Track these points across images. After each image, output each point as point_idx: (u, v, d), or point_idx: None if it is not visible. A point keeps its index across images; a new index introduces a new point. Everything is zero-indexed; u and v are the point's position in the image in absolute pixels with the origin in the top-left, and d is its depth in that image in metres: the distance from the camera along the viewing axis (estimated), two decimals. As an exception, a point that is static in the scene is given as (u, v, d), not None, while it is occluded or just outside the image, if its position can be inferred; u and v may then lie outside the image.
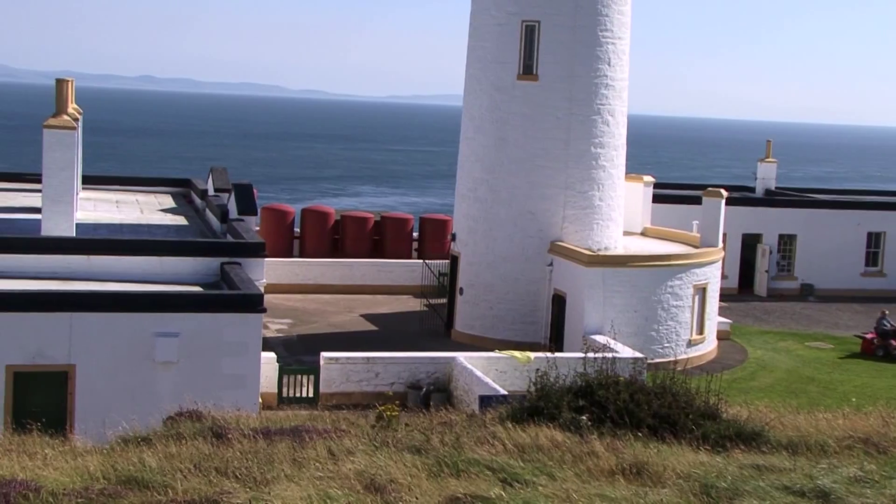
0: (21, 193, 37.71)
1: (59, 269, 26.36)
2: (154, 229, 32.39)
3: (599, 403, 15.48)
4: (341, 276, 44.64)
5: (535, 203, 36.98)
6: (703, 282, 36.97)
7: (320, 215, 47.55)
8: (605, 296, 34.34)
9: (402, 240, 47.79)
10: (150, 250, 27.46)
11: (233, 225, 30.64)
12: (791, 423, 16.35)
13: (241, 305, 24.73)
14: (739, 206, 49.43)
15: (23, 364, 23.27)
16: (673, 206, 47.35)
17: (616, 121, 37.87)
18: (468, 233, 38.17)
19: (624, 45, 37.97)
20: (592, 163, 37.26)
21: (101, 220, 32.80)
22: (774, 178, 58.23)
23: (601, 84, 37.19)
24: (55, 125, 27.29)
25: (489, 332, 36.98)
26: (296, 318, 39.28)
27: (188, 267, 27.46)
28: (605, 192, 37.62)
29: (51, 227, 27.22)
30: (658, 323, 35.27)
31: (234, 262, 27.46)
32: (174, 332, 24.01)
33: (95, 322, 23.65)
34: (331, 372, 29.53)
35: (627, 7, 37.99)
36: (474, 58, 38.57)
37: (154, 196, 40.21)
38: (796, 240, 51.28)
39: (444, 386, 29.85)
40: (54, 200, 27.28)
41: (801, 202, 53.60)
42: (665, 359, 34.28)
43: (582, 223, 37.17)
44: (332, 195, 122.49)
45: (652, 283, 35.17)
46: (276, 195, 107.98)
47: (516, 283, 36.97)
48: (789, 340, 40.60)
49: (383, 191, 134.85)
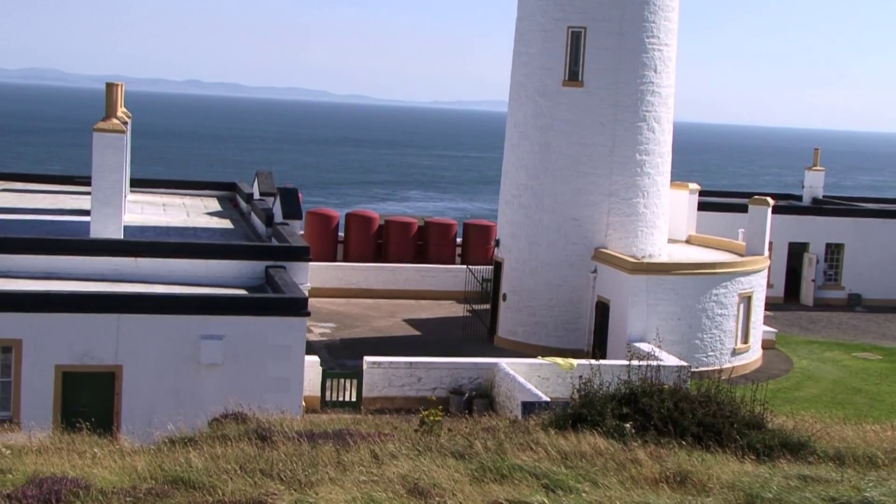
0: (71, 196, 38.20)
1: (107, 271, 26.65)
2: (200, 232, 32.67)
3: (643, 411, 15.41)
4: (384, 281, 44.77)
5: (580, 210, 36.90)
6: (749, 290, 36.68)
7: (364, 220, 47.73)
8: (648, 303, 34.18)
9: (446, 245, 47.83)
10: (196, 253, 27.68)
11: (278, 229, 30.82)
12: (838, 434, 16.19)
13: (286, 309, 24.87)
14: (786, 215, 49.01)
15: (71, 364, 23.57)
16: (718, 213, 47.04)
17: (662, 128, 37.69)
18: (512, 239, 38.15)
19: (670, 51, 37.80)
20: (637, 170, 37.11)
21: (148, 223, 33.14)
22: (822, 187, 57.64)
23: (647, 91, 37.04)
24: (105, 129, 27.60)
25: (532, 339, 36.94)
26: (339, 322, 39.44)
27: (233, 270, 27.66)
28: (649, 200, 37.45)
29: (99, 230, 27.53)
30: (702, 331, 35.05)
31: (278, 266, 27.62)
32: (219, 334, 24.19)
33: (142, 323, 23.90)
34: (373, 376, 29.63)
35: (674, 14, 37.82)
36: (519, 63, 38.56)
37: (200, 199, 40.56)
38: (843, 249, 50.74)
39: (486, 392, 29.85)
40: (103, 203, 27.58)
41: (849, 211, 53.01)
42: (709, 367, 34.07)
43: (626, 230, 37.03)
44: (380, 199, 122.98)
45: (696, 291, 34.95)
46: (324, 199, 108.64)
47: (559, 289, 36.89)
48: (836, 351, 40.16)
49: (431, 196, 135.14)
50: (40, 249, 26.60)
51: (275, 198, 34.36)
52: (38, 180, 42.24)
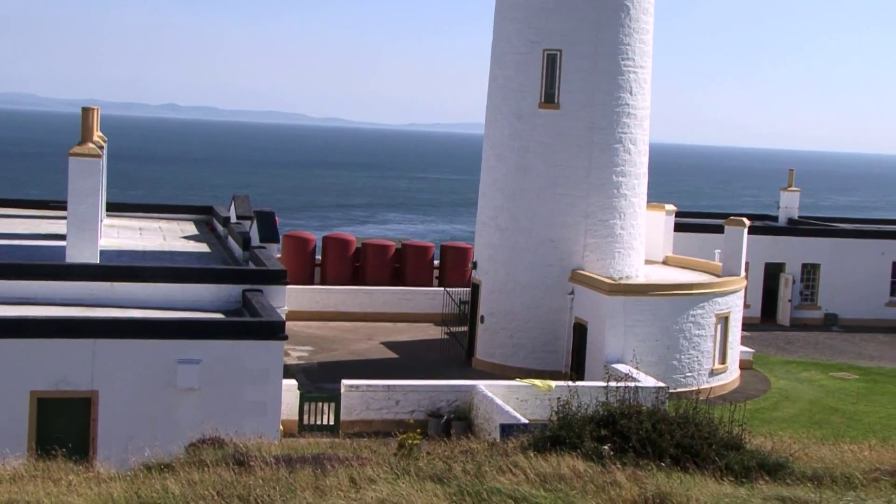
0: (46, 221, 37.99)
1: (83, 296, 26.48)
2: (176, 256, 32.54)
3: (622, 433, 15.41)
4: (362, 304, 44.70)
5: (556, 231, 36.98)
6: (726, 311, 36.81)
7: (341, 243, 47.67)
8: (626, 325, 34.23)
9: (423, 268, 47.82)
10: (173, 277, 27.55)
11: (255, 252, 30.73)
12: (816, 455, 16.23)
13: (263, 333, 24.78)
14: (762, 235, 49.28)
15: (46, 390, 23.37)
16: (695, 234, 47.26)
17: (638, 149, 37.87)
18: (489, 261, 38.17)
19: (645, 73, 38.02)
20: (614, 191, 37.24)
21: (125, 247, 32.98)
22: (797, 207, 58.01)
23: (623, 112, 37.23)
24: (80, 153, 27.48)
25: (510, 361, 36.92)
26: (316, 346, 39.32)
27: (210, 294, 27.53)
28: (626, 221, 37.58)
29: (75, 254, 27.37)
30: (680, 352, 35.12)
31: (255, 290, 27.53)
32: (196, 358, 24.06)
33: (118, 348, 23.74)
34: (351, 399, 29.52)
35: (649, 36, 38.07)
36: (496, 86, 38.70)
37: (177, 223, 40.42)
38: (819, 269, 51.04)
39: (464, 414, 29.78)
40: (79, 227, 27.43)
41: (825, 231, 53.35)
42: (687, 388, 34.15)
43: (603, 252, 37.12)
44: (359, 222, 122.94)
45: (674, 312, 35.05)
46: (303, 222, 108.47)
47: (537, 311, 36.91)
48: (813, 370, 40.32)
49: (410, 218, 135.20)
50: (15, 275, 26.40)
51: (252, 221, 34.28)
52: (14, 205, 41.99)
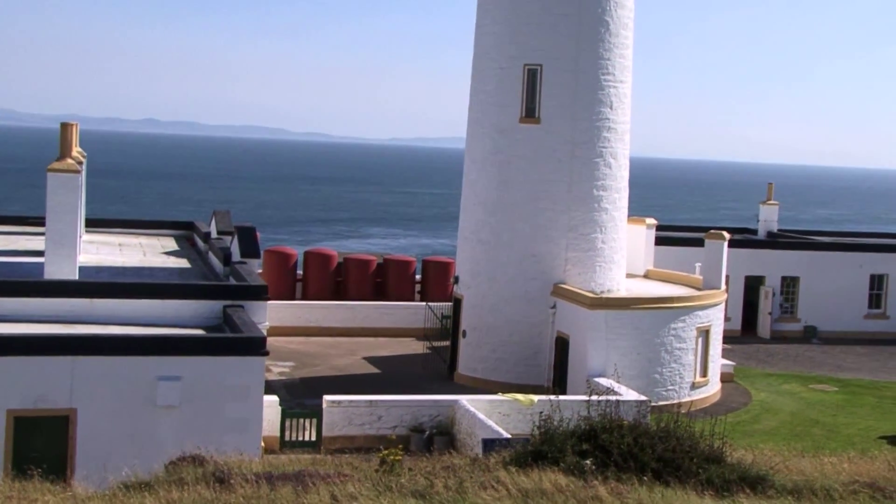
0: (25, 237, 37.77)
1: (62, 313, 26.31)
2: (156, 272, 32.39)
3: (603, 447, 15.41)
4: (344, 319, 44.59)
5: (538, 245, 37.00)
6: (706, 324, 36.90)
7: (323, 258, 47.58)
8: (608, 338, 34.25)
9: (405, 282, 47.78)
10: (153, 293, 27.42)
11: (235, 268, 30.63)
12: (796, 467, 16.26)
13: (244, 349, 24.66)
14: (742, 249, 49.46)
15: (24, 409, 23.17)
16: (675, 248, 47.41)
17: (618, 163, 37.97)
18: (471, 275, 38.16)
19: (626, 88, 38.15)
20: (595, 205, 37.32)
21: (104, 263, 32.81)
22: (776, 220, 58.33)
23: (603, 127, 37.34)
24: (59, 169, 27.36)
25: (492, 375, 36.88)
26: (298, 361, 39.18)
27: (191, 310, 27.40)
28: (607, 235, 37.64)
29: (54, 271, 27.21)
30: (661, 365, 35.17)
31: (236, 305, 27.42)
32: (176, 375, 23.92)
33: (97, 366, 23.57)
34: (333, 415, 29.41)
35: (629, 51, 38.22)
36: (477, 101, 38.76)
37: (157, 239, 40.25)
38: (799, 282, 51.26)
39: (447, 429, 29.71)
40: (57, 244, 27.28)
41: (804, 244, 53.62)
42: (669, 401, 34.21)
43: (584, 266, 37.17)
44: (342, 237, 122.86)
45: (655, 326, 35.10)
46: (286, 237, 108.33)
47: (519, 325, 36.90)
48: (793, 383, 40.44)
49: (393, 232, 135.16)
50: (-7, 291, 26.21)
51: (232, 236, 34.18)
52: (-8, 221, 41.71)
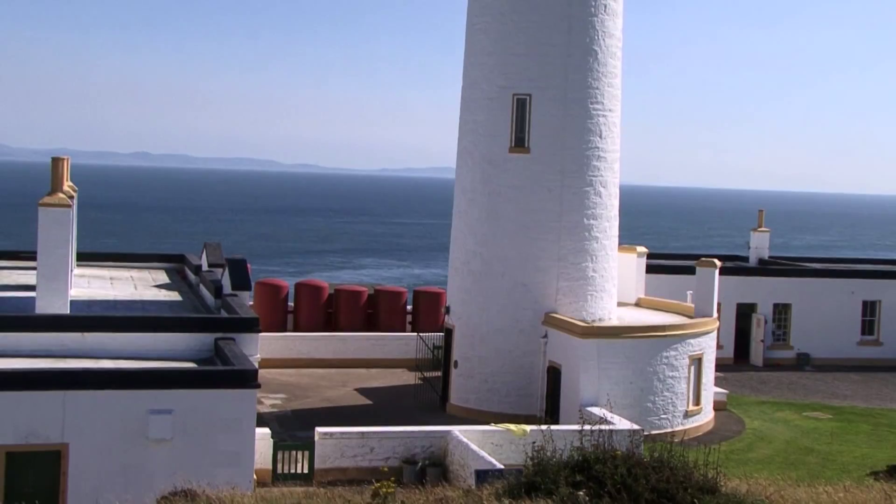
0: (16, 271, 37.70)
1: (54, 347, 26.26)
2: (148, 305, 32.35)
3: (597, 478, 15.35)
4: (335, 350, 44.51)
5: (529, 275, 37.02)
6: (699, 352, 36.89)
7: (314, 289, 47.51)
8: (600, 367, 34.22)
9: (396, 313, 47.70)
10: (144, 327, 27.39)
11: (226, 300, 30.60)
12: (791, 497, 16.21)
13: (235, 381, 24.61)
14: (733, 276, 49.53)
15: (15, 444, 23.07)
16: (667, 276, 47.44)
17: (608, 192, 38.07)
18: (462, 305, 38.13)
19: (615, 117, 38.31)
20: (585, 234, 37.38)
21: (96, 297, 32.76)
22: (767, 247, 58.43)
23: (593, 156, 37.46)
24: (50, 203, 27.37)
25: (484, 405, 36.78)
26: (290, 393, 39.05)
27: (182, 343, 27.36)
28: (598, 264, 37.68)
29: (45, 305, 27.18)
30: (654, 394, 35.12)
31: (228, 338, 27.37)
32: (168, 408, 23.85)
33: (89, 400, 23.50)
34: (325, 447, 29.30)
35: (617, 80, 38.40)
36: (466, 131, 38.88)
37: (148, 272, 40.21)
38: (791, 309, 51.30)
39: (439, 460, 29.61)
40: (49, 278, 27.27)
41: (795, 271, 53.70)
42: (662, 430, 34.15)
43: (576, 295, 37.18)
44: (335, 268, 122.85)
45: (647, 354, 35.08)
46: (279, 269, 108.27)
47: (511, 355, 36.85)
48: (787, 411, 40.39)
49: (385, 263, 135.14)
50: (-16, 326, 26.13)
51: (223, 269, 34.16)
52: (-17, 256, 41.62)
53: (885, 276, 53.84)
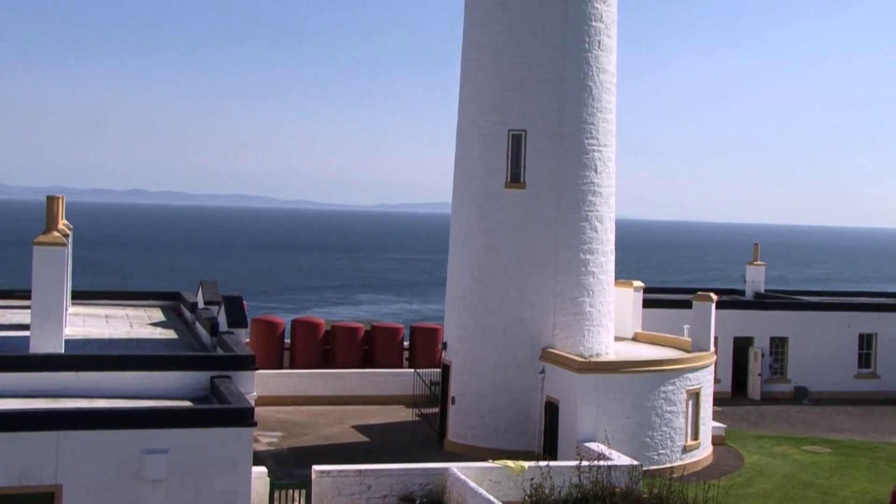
0: (10, 311, 37.59)
1: (48, 387, 26.07)
2: (143, 344, 32.21)
3: (595, 515, 15.25)
4: (332, 387, 44.37)
5: (526, 310, 36.95)
6: (696, 386, 36.77)
7: (310, 326, 47.40)
8: (597, 402, 34.08)
9: (393, 349, 47.60)
10: (139, 365, 27.21)
11: (223, 338, 30.47)
12: (790, 532, 16.08)
13: (231, 420, 24.42)
14: (730, 310, 49.51)
15: (7, 486, 22.85)
16: (663, 310, 47.42)
17: (604, 227, 38.09)
18: (459, 341, 38.04)
19: (610, 152, 38.40)
20: (582, 269, 37.35)
21: (91, 336, 32.62)
22: (763, 281, 58.48)
23: (588, 191, 37.51)
24: (45, 242, 27.28)
25: (482, 442, 36.62)
26: (286, 431, 38.85)
27: (178, 381, 27.19)
28: (595, 299, 37.64)
29: (39, 345, 27.01)
30: (652, 429, 34.96)
31: (224, 376, 27.22)
32: (163, 448, 23.66)
33: (83, 440, 23.29)
34: (322, 485, 29.09)
35: (612, 115, 38.53)
36: (462, 167, 38.95)
37: (143, 310, 40.10)
38: (788, 342, 51.26)
39: (437, 498, 29.39)
40: (43, 317, 27.12)
41: (791, 304, 53.68)
42: (660, 465, 33.99)
43: (573, 329, 37.10)
44: (333, 304, 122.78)
45: (645, 389, 34.95)
46: (278, 305, 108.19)
47: (508, 390, 36.72)
48: (785, 445, 40.22)
49: (384, 299, 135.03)
50: (-22, 366, 25.97)
51: (219, 306, 34.07)
52: (-23, 295, 41.52)
53: (882, 309, 53.83)
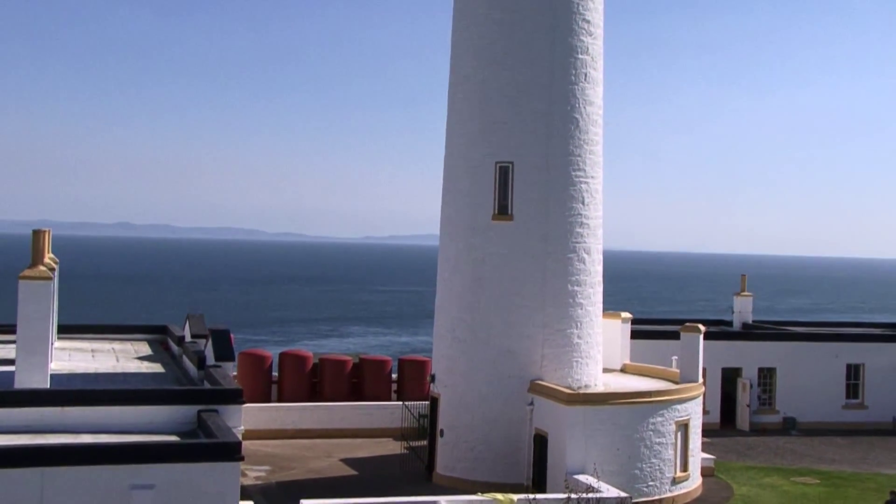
0: (-4, 345, 37.38)
1: (33, 423, 25.89)
2: (130, 378, 32.05)
3: (584, 549, 15.17)
4: (320, 420, 44.17)
5: (514, 342, 36.91)
6: (685, 417, 36.71)
7: (298, 359, 47.24)
8: (586, 434, 33.99)
9: (381, 382, 47.45)
10: (125, 400, 27.06)
11: (210, 371, 30.35)
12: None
13: (219, 454, 24.26)
14: (717, 341, 49.54)
15: (-8, 523, 22.65)
16: (651, 341, 47.44)
17: (592, 258, 38.13)
18: (447, 373, 37.94)
19: (597, 183, 38.50)
20: (570, 301, 37.36)
21: (76, 370, 32.46)
22: (751, 312, 58.62)
23: (576, 223, 37.57)
24: (31, 276, 27.18)
25: (471, 475, 36.44)
26: (274, 465, 38.63)
27: (164, 416, 27.05)
28: (583, 330, 37.62)
29: (24, 380, 26.85)
30: (641, 461, 34.86)
31: (211, 410, 27.09)
32: (150, 483, 23.48)
33: (68, 476, 23.08)
34: (310, 520, 28.87)
35: (599, 147, 38.66)
36: (449, 199, 39.00)
37: (130, 344, 39.96)
38: (776, 373, 51.30)
39: (426, 532, 29.19)
40: (29, 352, 26.97)
41: (779, 335, 53.76)
42: (650, 497, 33.90)
43: (561, 361, 37.05)
44: (321, 336, 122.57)
45: (633, 421, 34.88)
46: (267, 338, 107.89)
47: (497, 423, 36.61)
48: (774, 476, 40.14)
49: (373, 331, 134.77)
50: (-38, 402, 25.78)
51: (206, 339, 33.97)
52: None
53: (869, 340, 53.93)
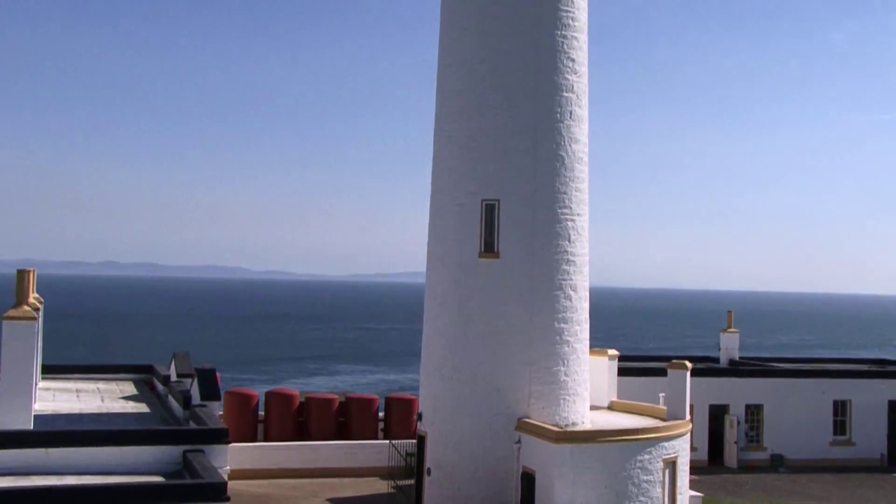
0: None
1: (16, 465, 25.67)
2: (114, 418, 31.85)
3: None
4: (306, 460, 43.87)
5: (501, 380, 36.81)
6: (673, 455, 36.60)
7: (284, 398, 47.00)
8: (574, 472, 33.86)
9: (368, 420, 47.22)
10: (110, 440, 26.89)
11: (195, 411, 30.20)
12: None
13: (204, 495, 24.08)
14: (705, 377, 49.54)
15: (-26, 567, 22.39)
16: (638, 378, 47.38)
17: (578, 295, 38.14)
18: (434, 411, 37.80)
19: (583, 220, 38.60)
20: (556, 338, 37.32)
21: (61, 411, 32.25)
22: (737, 348, 58.68)
23: (562, 260, 37.62)
24: (15, 316, 27.08)
25: (458, 514, 36.22)
26: (260, 506, 38.32)
27: (149, 456, 26.88)
28: (570, 367, 37.57)
29: (7, 421, 26.68)
30: (629, 499, 34.70)
31: (196, 450, 26.93)
32: (134, 525, 23.26)
33: (52, 519, 22.87)
34: (296, 561, 28.66)
35: (584, 185, 38.79)
36: (435, 237, 39.03)
37: (115, 384, 39.75)
38: (763, 409, 51.27)
39: (413, 572, 29.01)
40: (12, 393, 26.83)
41: (766, 371, 53.79)
42: (638, 536, 33.66)
43: (548, 399, 36.96)
44: (308, 374, 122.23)
45: (621, 459, 34.76)
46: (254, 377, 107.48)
47: (484, 461, 36.44)
48: (763, 513, 40.00)
49: (360, 369, 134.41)
50: (-56, 444, 25.56)
51: (192, 379, 33.81)
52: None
53: (856, 376, 54.00)
